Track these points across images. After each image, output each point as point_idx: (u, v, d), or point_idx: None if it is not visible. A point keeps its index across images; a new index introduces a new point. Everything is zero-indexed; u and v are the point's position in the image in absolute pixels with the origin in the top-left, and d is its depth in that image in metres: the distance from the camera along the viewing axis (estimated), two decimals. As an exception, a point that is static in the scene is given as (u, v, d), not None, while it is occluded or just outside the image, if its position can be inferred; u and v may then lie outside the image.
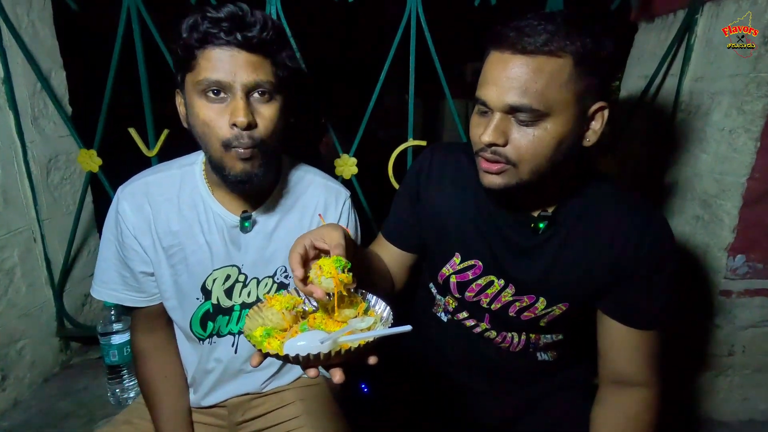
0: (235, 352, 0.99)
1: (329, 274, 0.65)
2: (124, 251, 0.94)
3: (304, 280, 0.68)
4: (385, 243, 1.05)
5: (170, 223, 0.93)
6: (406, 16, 1.31)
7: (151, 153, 1.43)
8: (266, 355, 0.61)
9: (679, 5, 1.40)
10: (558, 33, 0.67)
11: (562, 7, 1.32)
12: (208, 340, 0.98)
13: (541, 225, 0.84)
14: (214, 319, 0.97)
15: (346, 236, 0.73)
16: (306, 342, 0.60)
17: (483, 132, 0.74)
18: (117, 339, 1.39)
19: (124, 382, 1.42)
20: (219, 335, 0.98)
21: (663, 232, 0.81)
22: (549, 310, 0.89)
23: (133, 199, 0.92)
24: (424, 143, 1.38)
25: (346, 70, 4.01)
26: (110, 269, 0.97)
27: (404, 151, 1.44)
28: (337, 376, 0.60)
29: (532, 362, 1.00)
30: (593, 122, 0.75)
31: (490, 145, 0.74)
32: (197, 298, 0.95)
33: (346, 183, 1.42)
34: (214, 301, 0.96)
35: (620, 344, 0.86)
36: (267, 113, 0.83)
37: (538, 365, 1.00)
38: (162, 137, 1.41)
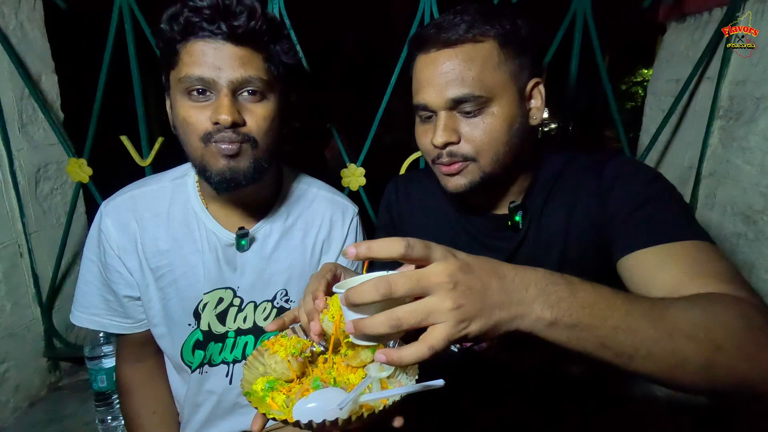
0: (230, 383, 0.90)
1: (332, 318, 0.56)
2: (107, 273, 0.85)
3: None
4: None
5: (158, 242, 0.84)
6: (418, 16, 1.22)
7: (145, 162, 1.33)
8: (270, 419, 0.50)
9: (715, 3, 1.29)
10: (476, 20, 0.69)
11: (590, 8, 1.22)
12: (198, 369, 0.88)
13: (517, 218, 0.81)
14: (205, 347, 0.88)
15: None
16: (318, 403, 0.49)
17: (433, 136, 0.73)
18: (107, 363, 1.29)
19: (114, 409, 1.32)
20: (211, 364, 0.89)
21: (626, 164, 0.76)
22: None
23: (117, 215, 0.84)
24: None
25: (351, 72, 3.92)
26: (92, 292, 0.88)
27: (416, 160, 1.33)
28: None
29: (562, 378, 0.89)
30: (533, 100, 0.76)
31: (445, 146, 0.73)
32: (189, 324, 0.87)
33: (353, 194, 1.32)
34: (204, 327, 0.87)
35: (669, 268, 0.63)
36: (259, 111, 0.74)
37: (569, 381, 0.89)
38: (156, 146, 1.32)
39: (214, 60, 0.69)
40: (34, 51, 1.44)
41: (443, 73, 0.70)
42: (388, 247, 0.44)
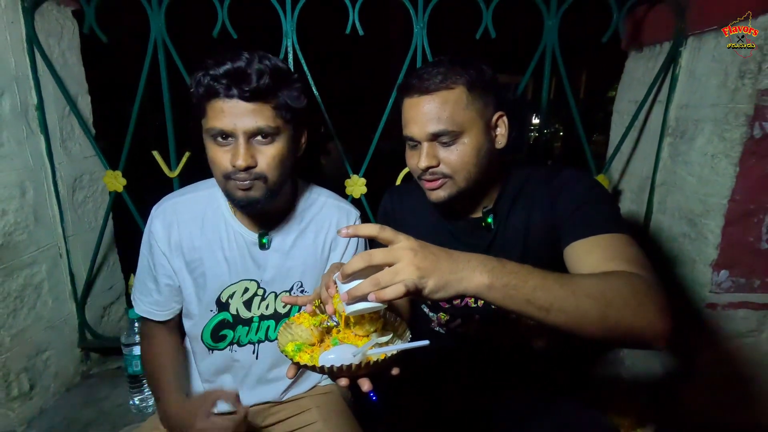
0: (257, 359, 1.09)
1: (341, 301, 0.71)
2: (154, 264, 1.05)
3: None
4: None
5: (193, 240, 1.03)
6: (412, 50, 1.42)
7: (173, 174, 1.52)
8: (302, 367, 0.69)
9: (664, 37, 1.50)
10: (449, 71, 0.89)
11: (556, 41, 1.42)
12: (228, 348, 1.07)
13: (489, 219, 1.00)
14: (234, 328, 1.06)
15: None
16: (336, 355, 0.69)
17: (418, 160, 0.93)
18: (139, 350, 1.47)
19: (145, 391, 1.49)
20: (240, 344, 1.07)
21: (571, 175, 0.94)
22: None
23: (164, 218, 1.03)
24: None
25: (352, 92, 4.13)
26: (143, 283, 1.07)
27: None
28: (365, 385, 0.68)
29: (531, 356, 1.06)
30: (498, 129, 0.96)
31: (427, 168, 0.92)
32: (211, 310, 1.05)
33: (355, 201, 1.51)
34: (233, 311, 1.05)
35: (594, 254, 0.81)
36: (269, 152, 0.91)
37: (536, 358, 1.06)
38: (183, 159, 1.51)
39: (231, 115, 0.86)
40: (73, 75, 1.63)
41: (424, 113, 0.90)
42: (368, 228, 0.66)
